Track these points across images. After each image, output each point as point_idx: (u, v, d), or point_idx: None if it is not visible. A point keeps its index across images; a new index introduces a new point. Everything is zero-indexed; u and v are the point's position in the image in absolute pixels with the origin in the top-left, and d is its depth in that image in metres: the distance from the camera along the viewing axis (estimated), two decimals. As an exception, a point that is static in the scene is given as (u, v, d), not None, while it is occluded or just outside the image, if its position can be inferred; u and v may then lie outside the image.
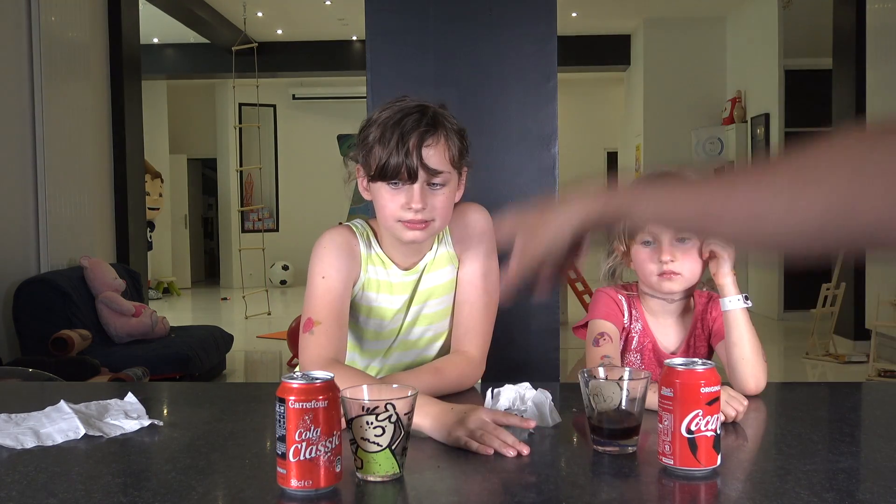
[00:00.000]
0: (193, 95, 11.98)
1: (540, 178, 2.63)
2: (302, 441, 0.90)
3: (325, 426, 0.91)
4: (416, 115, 1.36)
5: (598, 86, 11.86)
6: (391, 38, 2.63)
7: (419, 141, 1.34)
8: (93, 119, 5.52)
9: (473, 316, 1.49)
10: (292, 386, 0.92)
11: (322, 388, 0.92)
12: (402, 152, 1.33)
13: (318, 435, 0.91)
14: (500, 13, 2.63)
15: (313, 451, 0.91)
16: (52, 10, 4.91)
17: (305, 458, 0.91)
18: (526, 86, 2.63)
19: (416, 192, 1.35)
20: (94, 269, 4.90)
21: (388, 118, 1.36)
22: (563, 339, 2.81)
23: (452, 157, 1.39)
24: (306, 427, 0.90)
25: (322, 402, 0.91)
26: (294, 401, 0.91)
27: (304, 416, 0.90)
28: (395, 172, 1.34)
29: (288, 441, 0.91)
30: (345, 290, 1.42)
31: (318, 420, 0.91)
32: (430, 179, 1.36)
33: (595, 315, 1.56)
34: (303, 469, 0.91)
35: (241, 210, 11.14)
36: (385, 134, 1.35)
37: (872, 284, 6.11)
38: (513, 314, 2.53)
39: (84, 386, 2.30)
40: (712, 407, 0.97)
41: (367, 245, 1.47)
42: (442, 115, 1.39)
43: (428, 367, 1.45)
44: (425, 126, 1.35)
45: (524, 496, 0.90)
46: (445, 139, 1.37)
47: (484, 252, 1.51)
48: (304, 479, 0.91)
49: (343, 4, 8.47)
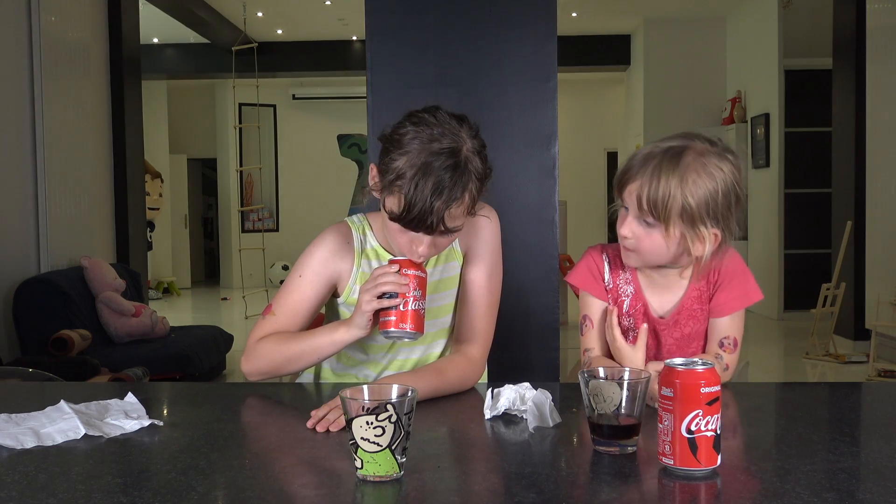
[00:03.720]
0: (193, 95, 11.98)
1: (540, 178, 2.63)
2: (411, 296, 1.28)
3: (423, 289, 1.30)
4: (450, 171, 1.29)
5: (598, 86, 11.86)
6: (391, 38, 2.63)
7: (445, 206, 1.29)
8: (93, 119, 5.52)
9: (477, 316, 1.49)
10: (408, 261, 1.30)
11: (420, 265, 1.32)
12: (426, 213, 1.28)
13: (420, 294, 1.30)
14: (500, 13, 2.63)
15: (417, 304, 1.29)
16: (52, 10, 4.91)
17: (413, 309, 1.28)
18: (526, 86, 2.63)
19: (426, 242, 1.34)
20: (94, 269, 4.90)
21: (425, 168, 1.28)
22: (563, 339, 2.81)
23: (470, 208, 1.35)
24: (414, 287, 1.28)
25: (422, 273, 1.31)
26: (407, 269, 1.29)
27: (414, 280, 1.28)
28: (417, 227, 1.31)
29: (401, 294, 1.28)
30: (316, 293, 1.46)
31: (421, 284, 1.30)
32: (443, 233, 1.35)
33: (570, 278, 1.56)
34: (412, 317, 1.29)
35: (241, 210, 11.14)
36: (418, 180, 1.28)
37: (872, 284, 6.11)
38: (513, 314, 2.53)
39: (84, 386, 2.30)
40: (712, 407, 0.97)
41: (361, 240, 1.49)
42: (472, 166, 1.33)
43: (430, 367, 1.45)
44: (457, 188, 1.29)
45: (524, 496, 0.90)
46: (469, 196, 1.33)
47: (490, 252, 1.51)
48: (414, 323, 1.29)
49: (343, 4, 8.47)
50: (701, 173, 1.34)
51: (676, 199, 1.32)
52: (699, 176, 1.33)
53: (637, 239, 1.39)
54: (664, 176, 1.33)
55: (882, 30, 6.02)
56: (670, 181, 1.32)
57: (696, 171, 1.33)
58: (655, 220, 1.35)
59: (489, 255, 1.51)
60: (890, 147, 5.92)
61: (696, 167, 1.34)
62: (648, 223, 1.37)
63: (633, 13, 9.17)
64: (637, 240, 1.39)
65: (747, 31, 8.75)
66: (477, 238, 1.51)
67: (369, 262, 1.48)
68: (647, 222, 1.37)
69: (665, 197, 1.32)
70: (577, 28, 9.53)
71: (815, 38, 7.67)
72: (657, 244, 1.38)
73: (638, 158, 1.38)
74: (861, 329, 6.27)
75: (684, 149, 1.36)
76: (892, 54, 5.89)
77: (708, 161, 1.35)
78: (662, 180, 1.33)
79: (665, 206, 1.33)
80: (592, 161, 12.11)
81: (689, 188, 1.32)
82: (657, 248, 1.39)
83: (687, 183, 1.32)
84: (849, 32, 6.44)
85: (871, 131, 6.18)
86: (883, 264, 6.02)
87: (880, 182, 6.07)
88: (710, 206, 1.34)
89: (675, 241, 1.37)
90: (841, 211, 6.59)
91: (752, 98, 8.65)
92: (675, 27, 9.31)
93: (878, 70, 6.08)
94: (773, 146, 8.04)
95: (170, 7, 7.88)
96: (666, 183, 1.32)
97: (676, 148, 1.36)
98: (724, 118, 9.05)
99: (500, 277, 1.53)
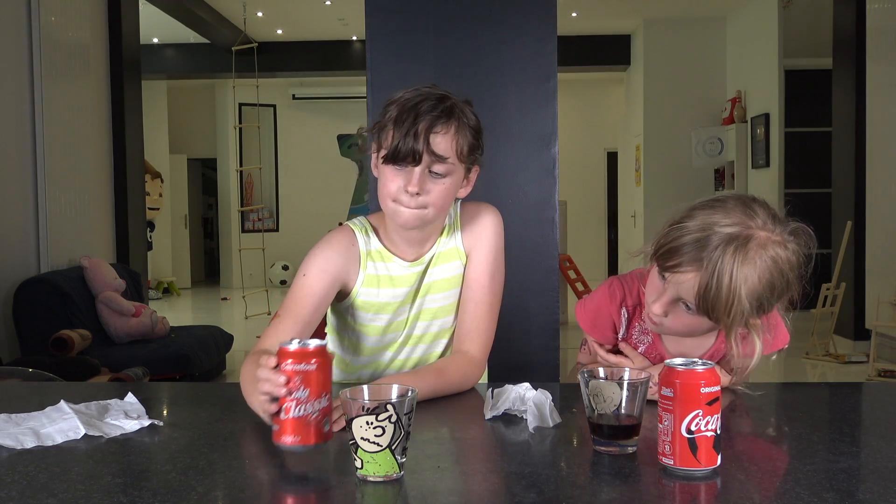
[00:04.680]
0: (193, 95, 11.98)
1: (540, 178, 2.63)
2: (292, 400, 1.00)
3: (313, 388, 1.00)
4: (433, 102, 1.37)
5: (598, 86, 11.86)
6: (391, 38, 2.63)
7: (430, 125, 1.35)
8: (93, 119, 5.52)
9: (477, 315, 1.49)
10: (288, 350, 1.01)
11: (312, 353, 1.01)
12: (412, 135, 1.34)
13: (306, 395, 1.00)
14: (500, 13, 2.63)
15: (302, 410, 1.00)
16: (52, 10, 4.91)
17: (295, 416, 1.00)
18: (526, 86, 2.63)
19: (415, 174, 1.36)
20: (94, 269, 4.90)
21: (407, 100, 1.38)
22: (563, 339, 2.81)
23: (460, 150, 1.39)
24: (296, 387, 1.00)
25: (311, 366, 1.00)
26: (286, 363, 1.00)
27: (295, 377, 1.00)
28: (402, 156, 1.36)
29: (280, 400, 1.01)
30: (322, 290, 1.43)
31: (308, 381, 1.00)
32: (432, 166, 1.37)
33: (579, 317, 1.49)
34: (294, 426, 1.00)
35: (241, 210, 11.14)
36: (401, 115, 1.36)
37: (872, 284, 6.11)
38: (513, 314, 2.53)
39: (84, 386, 2.30)
40: (712, 407, 0.97)
41: (365, 242, 1.48)
42: (460, 108, 1.39)
43: (431, 367, 1.45)
44: (439, 112, 1.36)
45: (524, 496, 0.90)
46: (457, 130, 1.38)
47: (493, 253, 1.51)
48: (296, 434, 1.00)
49: (343, 4, 8.47)
50: (764, 271, 1.19)
51: (740, 304, 1.18)
52: (763, 273, 1.19)
53: (671, 317, 1.29)
54: (726, 274, 1.17)
55: (882, 30, 6.02)
56: (733, 285, 1.17)
57: (761, 269, 1.19)
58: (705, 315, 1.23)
59: (492, 255, 1.51)
60: (890, 147, 5.92)
61: (761, 265, 1.19)
62: (690, 309, 1.24)
63: (633, 13, 9.17)
64: (671, 318, 1.29)
65: (747, 31, 8.75)
66: (480, 238, 1.51)
67: (374, 263, 1.47)
68: (688, 307, 1.24)
69: (728, 302, 1.18)
70: (577, 28, 9.53)
71: (815, 38, 7.68)
72: (692, 327, 1.29)
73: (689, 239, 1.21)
74: (861, 329, 6.27)
75: (748, 239, 1.19)
76: (892, 54, 5.89)
77: (770, 253, 1.19)
78: (725, 281, 1.17)
79: (726, 309, 1.19)
80: (592, 161, 12.12)
81: (751, 291, 1.19)
82: (690, 330, 1.31)
83: (750, 285, 1.18)
84: (849, 32, 6.44)
85: (871, 131, 6.19)
86: (883, 264, 6.02)
87: (880, 182, 6.07)
88: (763, 302, 1.22)
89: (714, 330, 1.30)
90: (841, 211, 6.59)
91: (752, 98, 8.65)
92: (675, 27, 9.31)
93: (878, 70, 6.08)
94: (773, 146, 8.04)
95: (170, 7, 7.88)
96: (729, 285, 1.17)
97: (739, 238, 1.18)
98: (724, 118, 9.06)
99: (503, 278, 1.53)
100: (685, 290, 1.22)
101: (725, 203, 1.24)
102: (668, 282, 1.24)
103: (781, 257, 1.20)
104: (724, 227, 1.19)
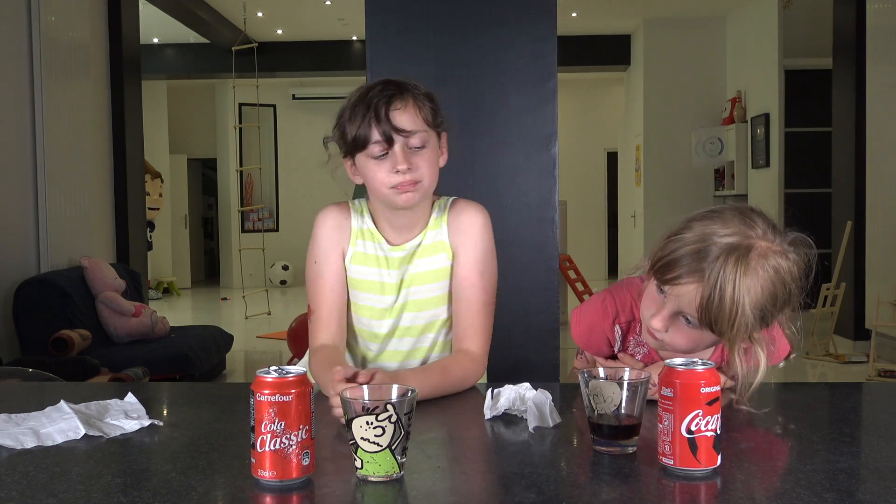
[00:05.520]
0: (193, 95, 11.98)
1: (540, 178, 2.63)
2: (267, 433, 0.94)
3: (289, 420, 0.94)
4: (379, 86, 1.41)
5: (598, 86, 11.86)
6: (391, 38, 2.63)
7: (387, 106, 1.39)
8: (93, 119, 5.52)
9: (471, 313, 1.49)
10: (263, 380, 0.95)
11: (289, 384, 0.95)
12: (374, 120, 1.38)
13: (282, 427, 0.94)
14: (500, 13, 2.63)
15: (278, 443, 0.94)
16: (52, 10, 4.91)
17: (271, 449, 0.94)
18: (526, 86, 2.63)
19: (398, 153, 1.39)
20: (94, 269, 4.90)
21: (356, 98, 1.42)
22: (563, 339, 2.81)
23: (426, 118, 1.43)
24: (271, 419, 0.94)
25: (286, 397, 0.94)
26: (261, 394, 0.94)
27: (270, 408, 0.94)
28: (371, 140, 1.39)
29: (255, 432, 0.95)
30: (336, 270, 1.50)
31: (284, 413, 0.94)
32: (408, 142, 1.40)
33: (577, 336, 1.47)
34: (270, 459, 0.94)
35: (241, 210, 11.14)
36: (355, 110, 1.40)
37: (872, 284, 6.11)
38: (513, 314, 2.53)
39: (84, 386, 2.30)
40: (712, 407, 0.97)
41: (359, 219, 1.52)
42: (407, 82, 1.44)
43: (434, 366, 1.46)
44: (392, 91, 1.40)
45: (524, 496, 0.90)
46: (414, 100, 1.42)
47: (480, 250, 1.51)
48: (272, 469, 0.94)
49: (343, 4, 8.47)
50: (767, 282, 1.18)
51: (744, 315, 1.17)
52: (766, 283, 1.18)
53: (671, 332, 1.26)
54: (728, 285, 1.16)
55: (882, 30, 6.02)
56: (736, 296, 1.16)
57: (763, 279, 1.17)
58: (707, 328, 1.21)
59: (479, 253, 1.51)
60: (890, 147, 5.92)
61: (763, 276, 1.18)
62: (691, 323, 1.23)
63: (633, 13, 9.17)
64: (671, 333, 1.26)
65: (747, 31, 8.75)
66: (467, 235, 1.51)
67: (364, 242, 1.51)
68: (689, 321, 1.23)
69: (731, 314, 1.16)
70: (577, 28, 9.53)
71: (815, 38, 7.67)
72: (694, 341, 1.26)
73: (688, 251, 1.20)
74: (861, 329, 6.27)
75: (749, 249, 1.17)
76: (892, 54, 5.89)
77: (771, 263, 1.18)
78: (728, 292, 1.16)
79: (730, 322, 1.17)
80: (592, 161, 12.12)
81: (755, 301, 1.17)
82: (691, 345, 1.27)
83: (753, 295, 1.17)
84: (849, 32, 6.44)
85: (871, 131, 6.19)
86: (883, 264, 6.02)
87: (880, 182, 6.07)
88: (766, 314, 1.20)
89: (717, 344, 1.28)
90: (841, 211, 6.59)
91: (752, 98, 8.66)
92: (675, 27, 9.31)
93: (878, 70, 6.08)
94: (773, 146, 8.04)
95: (170, 7, 7.88)
96: (732, 296, 1.16)
97: (740, 248, 1.17)
98: (724, 118, 9.06)
99: (494, 275, 1.53)
100: (686, 304, 1.20)
101: (723, 213, 1.22)
102: (668, 295, 1.23)
103: (783, 267, 1.19)
104: (724, 238, 1.18)
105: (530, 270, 2.59)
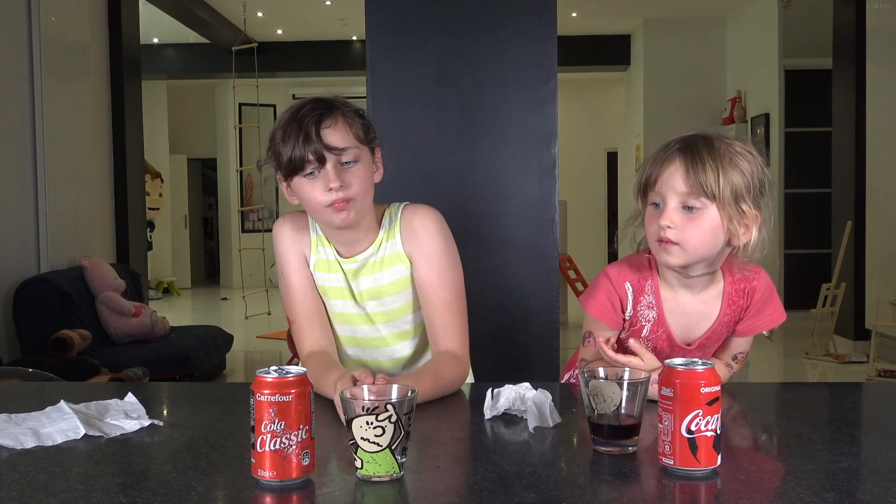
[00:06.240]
0: (193, 95, 11.98)
1: (540, 178, 2.63)
2: (267, 433, 0.94)
3: (289, 420, 0.94)
4: (309, 105, 1.42)
5: (598, 86, 11.85)
6: (391, 38, 2.63)
7: (317, 125, 1.39)
8: (93, 119, 5.52)
9: (440, 314, 1.49)
10: (263, 380, 0.96)
11: (289, 384, 0.95)
12: (304, 140, 1.38)
13: (282, 427, 0.94)
14: (500, 13, 2.63)
15: (278, 443, 0.94)
16: (52, 10, 4.91)
17: (271, 449, 0.94)
18: (526, 86, 2.63)
19: (329, 172, 1.40)
20: (94, 269, 4.89)
21: (286, 119, 1.42)
22: (563, 339, 2.81)
23: (356, 134, 1.43)
24: (271, 419, 0.94)
25: (286, 397, 0.94)
26: (261, 394, 0.95)
27: (270, 408, 0.94)
28: (304, 161, 1.39)
29: (255, 432, 0.95)
30: (304, 275, 1.53)
31: (284, 413, 0.94)
32: (340, 159, 1.40)
33: (587, 306, 1.49)
34: (270, 459, 0.94)
35: (241, 210, 11.14)
36: (287, 130, 1.40)
37: (872, 284, 6.11)
38: (513, 314, 2.53)
39: (84, 386, 2.30)
40: (712, 407, 0.97)
41: (316, 228, 1.53)
42: (336, 100, 1.44)
43: (427, 370, 1.46)
44: (321, 110, 1.40)
45: (524, 496, 0.90)
46: (343, 118, 1.42)
47: (435, 251, 1.50)
48: (272, 469, 0.94)
49: (343, 4, 8.47)
50: (735, 155, 1.34)
51: (727, 174, 1.31)
52: (735, 156, 1.34)
53: (681, 228, 1.33)
54: (707, 156, 1.32)
55: (882, 30, 6.02)
56: (715, 159, 1.32)
57: (732, 153, 1.34)
58: (707, 198, 1.32)
59: (434, 255, 1.50)
60: (890, 147, 5.92)
61: (731, 150, 1.34)
62: (694, 208, 1.33)
63: (633, 13, 9.17)
64: (681, 229, 1.33)
65: (747, 31, 8.75)
66: (419, 240, 1.51)
67: (325, 248, 1.53)
68: (690, 207, 1.33)
69: (715, 173, 1.31)
70: (577, 28, 9.53)
71: (815, 38, 7.67)
72: (703, 231, 1.33)
73: (658, 155, 1.37)
74: (861, 329, 6.27)
75: (710, 136, 1.36)
76: (892, 54, 5.89)
77: (736, 144, 1.36)
78: (707, 159, 1.32)
79: (717, 181, 1.31)
80: (592, 161, 12.11)
81: (734, 165, 1.33)
82: (703, 236, 1.33)
83: (730, 160, 1.33)
84: (849, 32, 6.44)
85: (871, 131, 6.18)
86: (883, 264, 6.02)
87: (880, 182, 6.07)
88: (752, 186, 1.34)
89: (720, 225, 1.33)
90: (841, 211, 6.59)
91: (752, 98, 8.65)
92: (675, 27, 9.31)
93: (878, 70, 6.08)
94: (773, 146, 8.04)
95: (170, 7, 7.88)
96: (712, 161, 1.32)
97: (702, 136, 1.36)
98: (724, 118, 9.05)
99: (455, 271, 1.52)
100: (678, 182, 1.32)
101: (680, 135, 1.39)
102: (659, 192, 1.35)
103: (745, 147, 1.36)
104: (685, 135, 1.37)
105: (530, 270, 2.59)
